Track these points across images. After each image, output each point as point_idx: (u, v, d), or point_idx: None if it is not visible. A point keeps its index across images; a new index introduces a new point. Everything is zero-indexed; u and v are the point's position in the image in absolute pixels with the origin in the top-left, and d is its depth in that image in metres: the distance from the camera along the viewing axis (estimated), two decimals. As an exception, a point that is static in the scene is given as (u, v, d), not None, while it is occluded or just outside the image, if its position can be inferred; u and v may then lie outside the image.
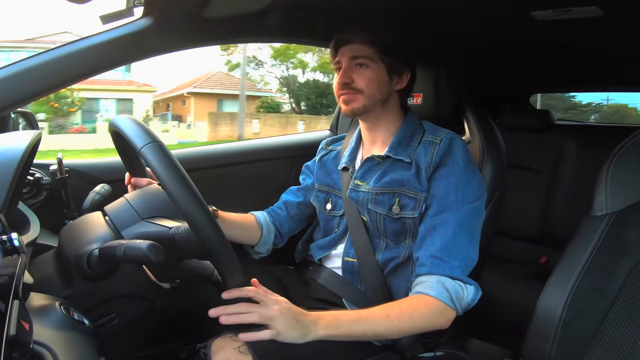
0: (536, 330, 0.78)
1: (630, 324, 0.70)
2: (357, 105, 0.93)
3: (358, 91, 0.93)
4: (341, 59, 0.94)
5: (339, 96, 0.96)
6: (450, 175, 0.87)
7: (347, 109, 0.95)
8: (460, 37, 1.28)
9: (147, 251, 0.60)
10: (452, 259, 0.82)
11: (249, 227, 1.07)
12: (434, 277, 0.81)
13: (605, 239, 0.74)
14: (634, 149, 0.75)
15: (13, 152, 0.63)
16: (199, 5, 0.88)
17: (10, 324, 0.41)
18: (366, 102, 0.93)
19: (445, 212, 0.85)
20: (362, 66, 0.93)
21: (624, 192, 0.75)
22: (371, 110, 0.95)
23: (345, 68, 0.93)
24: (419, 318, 0.78)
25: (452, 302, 0.80)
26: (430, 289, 0.80)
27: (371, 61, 0.92)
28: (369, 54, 0.92)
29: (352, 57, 0.93)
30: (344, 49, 0.94)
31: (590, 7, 0.93)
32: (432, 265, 0.82)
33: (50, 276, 0.69)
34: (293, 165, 1.43)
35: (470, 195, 0.86)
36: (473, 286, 0.83)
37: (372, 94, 0.93)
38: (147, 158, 0.62)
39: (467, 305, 0.83)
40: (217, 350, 0.73)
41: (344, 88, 0.93)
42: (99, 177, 1.09)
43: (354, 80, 0.92)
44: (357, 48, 0.92)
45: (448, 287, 0.80)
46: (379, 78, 0.93)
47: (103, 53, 0.85)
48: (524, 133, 1.83)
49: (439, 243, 0.83)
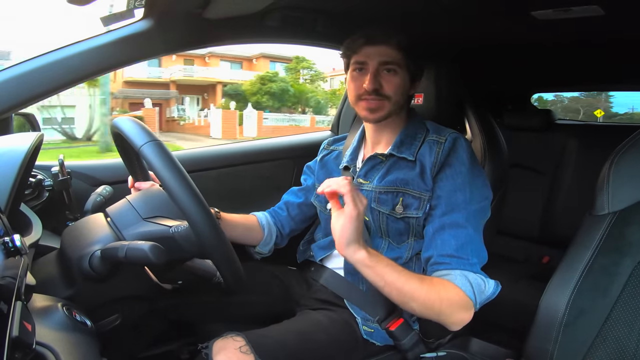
0: (538, 330, 0.78)
1: (633, 324, 0.70)
2: (383, 113, 0.91)
3: (386, 98, 0.90)
4: (368, 61, 0.90)
5: (360, 99, 0.92)
6: (457, 176, 0.86)
7: (373, 117, 0.92)
8: (460, 37, 1.28)
9: (149, 252, 0.60)
10: (471, 257, 0.81)
11: (251, 228, 1.07)
12: (457, 271, 0.79)
13: (607, 238, 0.74)
14: (636, 148, 0.75)
15: (15, 153, 0.64)
16: (200, 6, 0.88)
17: (13, 325, 0.41)
18: (391, 108, 0.91)
19: (454, 212, 0.84)
20: (391, 72, 0.89)
21: (626, 192, 0.74)
22: (392, 116, 0.93)
23: (374, 72, 0.89)
24: (445, 299, 0.76)
25: (474, 295, 0.77)
26: (455, 279, 0.78)
27: (399, 67, 0.90)
28: (398, 60, 0.89)
29: (382, 62, 0.89)
30: (372, 49, 0.89)
31: (590, 7, 0.93)
32: (451, 263, 0.80)
33: (52, 277, 0.69)
34: (294, 166, 1.44)
35: (478, 195, 0.86)
36: (493, 281, 0.82)
37: (398, 101, 0.91)
38: (146, 156, 0.63)
39: (486, 299, 0.81)
40: (219, 351, 0.73)
41: (372, 94, 0.89)
42: (101, 179, 1.10)
43: (382, 86, 0.89)
44: (388, 52, 0.89)
45: (471, 280, 0.78)
46: (404, 84, 0.91)
47: (104, 55, 0.85)
48: (526, 133, 1.83)
49: (454, 242, 0.82)
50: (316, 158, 1.15)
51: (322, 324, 0.87)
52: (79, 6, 0.78)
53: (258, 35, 1.10)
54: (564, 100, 18.54)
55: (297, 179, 1.20)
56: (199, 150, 1.41)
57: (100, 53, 0.84)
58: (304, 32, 1.17)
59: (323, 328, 0.86)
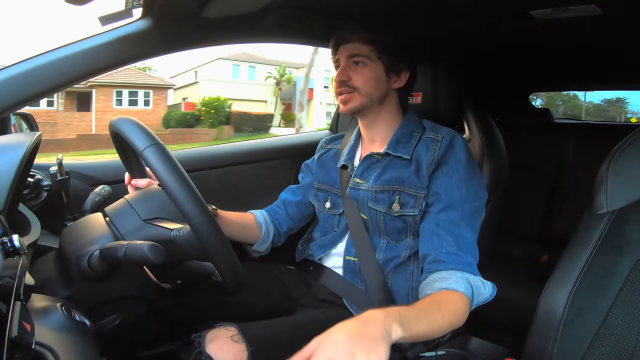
0: (537, 329, 0.78)
1: (632, 323, 0.70)
2: (355, 104, 0.94)
3: (355, 89, 0.93)
4: (340, 57, 0.95)
5: (337, 94, 0.96)
6: (453, 173, 0.87)
7: (345, 109, 0.95)
8: (459, 36, 1.28)
9: (148, 252, 0.60)
10: (467, 255, 0.81)
11: (248, 226, 1.07)
12: (458, 273, 0.79)
13: (606, 237, 0.74)
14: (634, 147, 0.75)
15: (13, 153, 0.63)
16: (198, 5, 0.88)
17: (12, 325, 0.41)
18: (363, 100, 0.93)
19: (450, 209, 0.84)
20: (360, 64, 0.93)
21: (624, 190, 0.75)
22: (368, 109, 0.95)
23: (343, 66, 0.94)
24: (457, 312, 0.74)
25: (472, 298, 0.78)
26: (457, 284, 0.77)
27: (369, 59, 0.92)
28: (366, 52, 0.92)
29: (349, 55, 0.93)
30: (343, 47, 0.94)
31: (589, 6, 0.93)
32: (450, 262, 0.80)
33: (51, 277, 0.69)
34: (293, 165, 1.44)
35: (473, 194, 0.86)
36: (491, 283, 0.82)
37: (369, 92, 0.93)
38: (148, 160, 0.63)
39: (483, 301, 0.81)
40: (212, 339, 0.74)
41: (341, 86, 0.94)
42: (99, 178, 1.09)
43: (351, 78, 0.93)
44: (355, 47, 0.93)
45: (472, 283, 0.78)
46: (376, 76, 0.93)
47: (102, 54, 0.85)
48: (524, 132, 1.83)
49: (452, 239, 0.82)
50: (314, 157, 1.15)
51: (318, 320, 0.87)
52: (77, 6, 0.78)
53: (257, 34, 1.10)
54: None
55: (295, 178, 1.20)
56: (198, 149, 1.40)
57: (98, 53, 0.84)
58: (303, 31, 1.17)
59: (319, 324, 0.86)
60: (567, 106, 10.71)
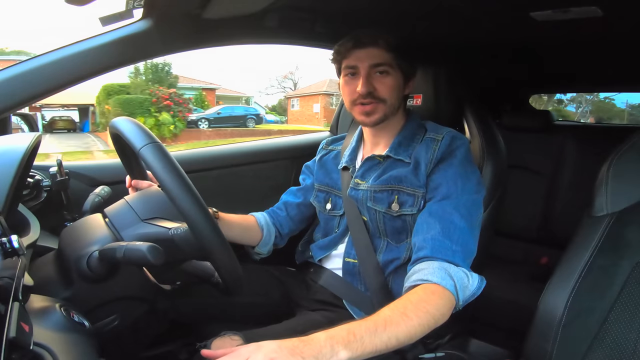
0: (537, 330, 0.78)
1: (631, 325, 0.70)
2: (379, 115, 0.91)
3: (380, 100, 0.90)
4: (359, 64, 0.89)
5: (358, 104, 0.91)
6: (448, 168, 0.86)
7: (369, 120, 0.91)
8: (459, 38, 1.28)
9: (147, 253, 0.60)
10: (453, 243, 0.78)
11: (250, 228, 1.07)
12: (436, 263, 0.75)
13: (605, 239, 0.74)
14: (634, 149, 0.75)
15: (13, 154, 0.63)
16: (199, 6, 0.88)
17: (10, 326, 0.41)
18: (387, 110, 0.91)
19: (444, 200, 0.83)
20: (383, 73, 0.89)
21: (624, 193, 0.75)
22: (389, 118, 0.93)
23: (366, 75, 0.89)
24: (434, 310, 0.68)
25: (456, 291, 0.72)
26: (433, 275, 0.72)
27: (391, 68, 0.89)
28: (389, 61, 0.89)
29: (373, 64, 0.88)
30: (361, 52, 0.89)
31: (589, 8, 0.93)
32: (432, 248, 0.77)
33: (50, 278, 0.69)
34: (293, 166, 1.44)
35: (469, 187, 0.85)
36: (477, 275, 0.77)
37: (393, 103, 0.91)
38: (145, 158, 0.63)
39: (471, 296, 0.76)
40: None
41: (367, 97, 0.89)
42: (99, 179, 1.09)
43: (376, 89, 0.89)
44: (377, 54, 0.88)
45: (452, 274, 0.73)
46: (398, 85, 0.91)
47: (103, 55, 0.85)
48: (524, 133, 1.83)
49: (439, 226, 0.80)
50: (315, 158, 1.15)
51: (320, 324, 0.87)
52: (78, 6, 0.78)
53: (257, 35, 1.10)
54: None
55: (296, 180, 1.20)
56: (198, 150, 1.41)
57: (99, 53, 0.84)
58: (303, 32, 1.17)
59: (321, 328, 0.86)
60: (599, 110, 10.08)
